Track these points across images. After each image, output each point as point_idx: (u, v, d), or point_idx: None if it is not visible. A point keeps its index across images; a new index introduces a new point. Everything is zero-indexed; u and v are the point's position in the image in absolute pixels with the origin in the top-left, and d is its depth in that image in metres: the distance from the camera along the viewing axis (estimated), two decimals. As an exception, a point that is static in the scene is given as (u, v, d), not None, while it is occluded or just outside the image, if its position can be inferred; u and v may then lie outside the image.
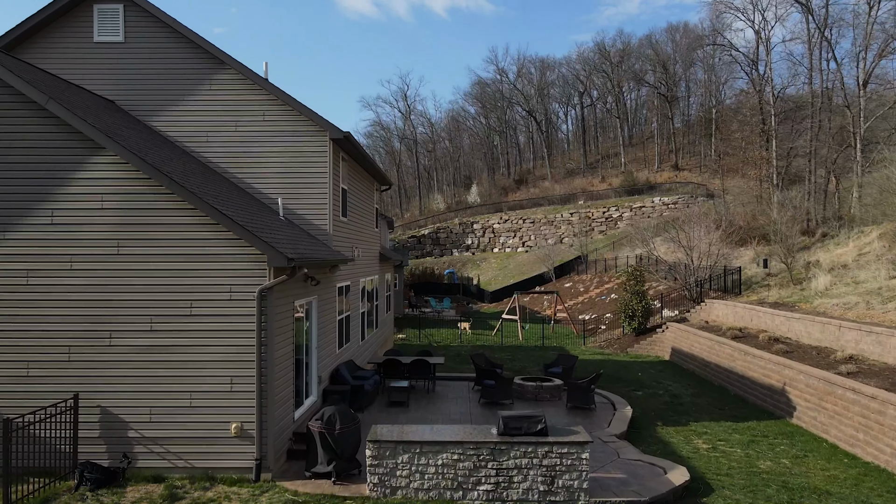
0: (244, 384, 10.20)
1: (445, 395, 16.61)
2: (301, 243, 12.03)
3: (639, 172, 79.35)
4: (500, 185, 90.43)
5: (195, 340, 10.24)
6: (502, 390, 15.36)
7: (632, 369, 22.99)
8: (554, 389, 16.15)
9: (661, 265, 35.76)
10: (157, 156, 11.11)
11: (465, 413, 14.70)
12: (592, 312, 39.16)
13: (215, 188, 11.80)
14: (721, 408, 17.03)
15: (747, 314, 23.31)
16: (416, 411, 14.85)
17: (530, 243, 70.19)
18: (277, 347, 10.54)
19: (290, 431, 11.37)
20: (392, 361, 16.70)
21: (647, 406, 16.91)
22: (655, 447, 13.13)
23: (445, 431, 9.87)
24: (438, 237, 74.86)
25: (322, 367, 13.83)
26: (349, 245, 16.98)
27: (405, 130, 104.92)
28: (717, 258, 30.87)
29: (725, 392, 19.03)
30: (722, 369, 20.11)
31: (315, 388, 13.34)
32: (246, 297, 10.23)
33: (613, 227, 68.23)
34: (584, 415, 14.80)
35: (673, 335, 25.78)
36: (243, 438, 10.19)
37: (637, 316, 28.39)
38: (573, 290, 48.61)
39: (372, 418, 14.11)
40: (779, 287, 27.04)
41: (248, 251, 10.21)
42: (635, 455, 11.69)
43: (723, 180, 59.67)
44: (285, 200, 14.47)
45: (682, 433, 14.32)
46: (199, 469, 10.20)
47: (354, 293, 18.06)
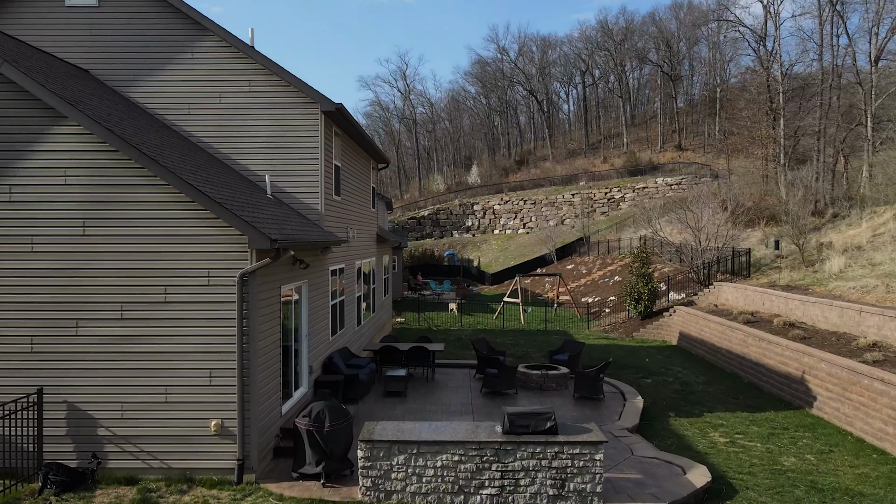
0: (224, 377, 9.31)
1: (445, 384, 15.75)
2: (288, 223, 11.08)
3: (641, 153, 78.13)
4: (500, 165, 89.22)
5: (170, 329, 9.32)
6: (505, 379, 14.50)
7: (639, 355, 22.14)
8: (560, 378, 15.28)
9: (667, 247, 34.83)
10: (127, 127, 10.12)
11: (466, 404, 13.85)
12: (595, 295, 38.30)
13: (194, 163, 10.82)
14: (735, 397, 16.19)
15: (758, 297, 22.42)
16: (414, 402, 13.99)
17: (531, 225, 69.22)
18: (261, 337, 9.63)
19: (278, 427, 10.50)
20: (389, 349, 15.83)
21: (658, 395, 16.06)
22: (670, 441, 12.29)
23: (445, 430, 8.99)
24: (438, 218, 73.85)
25: (313, 357, 12.94)
26: (343, 226, 16.02)
27: (404, 111, 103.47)
28: (727, 240, 29.93)
29: (738, 379, 18.19)
30: (734, 355, 19.25)
31: (306, 378, 12.46)
32: (226, 282, 9.30)
33: (616, 209, 67.20)
34: (592, 406, 13.94)
35: (681, 319, 24.91)
36: (224, 437, 9.32)
37: (643, 299, 27.51)
38: (575, 272, 47.73)
39: (367, 409, 13.26)
40: (790, 269, 26.13)
41: (227, 232, 9.26)
42: (650, 452, 10.83)
43: (728, 160, 58.59)
44: (274, 178, 13.50)
45: (696, 425, 13.47)
46: (176, 470, 9.34)
47: (349, 276, 17.13)
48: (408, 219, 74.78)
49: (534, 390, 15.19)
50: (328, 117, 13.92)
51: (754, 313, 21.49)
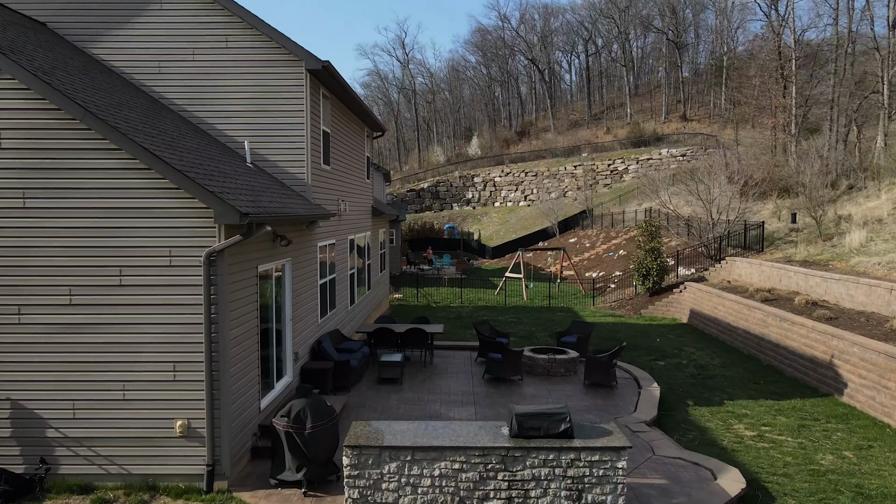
0: (190, 371, 8.11)
1: (445, 369, 14.60)
2: (266, 195, 9.79)
3: (645, 123, 76.29)
4: (501, 137, 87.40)
5: (127, 317, 8.09)
6: (510, 365, 13.34)
7: (649, 334, 21.00)
8: (569, 363, 14.12)
9: (675, 220, 33.53)
10: (78, 84, 8.78)
11: (467, 392, 12.70)
12: (600, 270, 37.12)
13: (159, 127, 9.50)
14: (756, 381, 15.05)
15: (775, 274, 21.21)
16: (411, 390, 12.85)
17: (532, 197, 67.79)
18: (234, 324, 8.41)
19: (256, 425, 9.34)
20: (383, 331, 14.65)
21: (673, 380, 14.92)
22: (692, 435, 11.16)
23: (444, 432, 7.81)
24: (438, 191, 72.40)
25: (299, 342, 11.76)
26: (333, 198, 14.73)
27: (403, 81, 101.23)
28: (739, 213, 28.62)
29: (757, 362, 17.05)
30: (752, 336, 18.10)
31: (290, 366, 11.29)
32: (190, 263, 8.05)
33: (619, 181, 65.70)
34: (604, 394, 12.80)
35: (692, 296, 23.73)
36: (191, 438, 8.15)
37: (651, 275, 26.31)
38: (578, 245, 46.49)
39: (359, 399, 12.11)
40: (806, 243, 24.88)
41: (190, 205, 7.99)
42: (673, 450, 9.69)
43: (736, 130, 56.96)
44: (255, 145, 12.19)
45: (718, 415, 12.34)
46: (137, 476, 8.19)
47: (341, 252, 15.89)
48: (407, 191, 73.32)
49: (540, 376, 14.04)
50: (315, 77, 12.55)
51: (771, 290, 20.30)
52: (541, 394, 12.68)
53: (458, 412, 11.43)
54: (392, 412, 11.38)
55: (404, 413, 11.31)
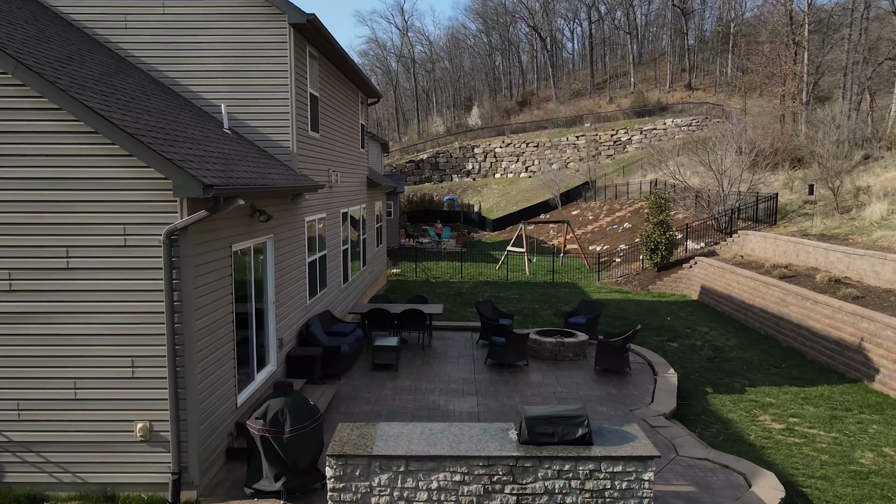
0: (151, 367, 7.06)
1: (444, 353, 13.59)
2: (241, 164, 8.64)
3: (649, 93, 74.47)
4: (502, 107, 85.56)
5: (76, 305, 7.01)
6: (515, 349, 12.32)
7: (658, 312, 19.99)
8: (577, 347, 13.10)
9: (683, 192, 32.33)
10: (15, 32, 7.57)
11: (468, 380, 11.70)
12: (604, 243, 36.03)
13: (117, 85, 8.31)
14: (777, 365, 14.06)
15: (791, 248, 20.11)
16: (407, 377, 11.85)
17: (534, 168, 66.42)
18: (202, 312, 7.34)
19: (232, 423, 8.33)
20: (378, 312, 13.60)
21: (688, 364, 13.93)
22: (715, 429, 10.17)
23: (443, 437, 6.79)
24: (437, 162, 70.95)
25: (284, 327, 10.71)
26: (323, 168, 13.57)
27: (402, 49, 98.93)
28: (752, 183, 27.42)
29: (775, 343, 16.05)
30: (769, 315, 17.07)
31: (273, 354, 10.25)
32: (148, 243, 6.95)
33: (622, 152, 64.26)
34: (617, 382, 11.79)
35: (703, 272, 22.67)
36: (154, 443, 7.14)
37: (660, 249, 25.21)
38: (581, 218, 45.34)
39: (350, 389, 11.11)
40: (822, 216, 23.74)
41: (147, 175, 6.85)
42: (699, 450, 8.69)
43: (744, 98, 55.39)
44: (234, 109, 11.00)
45: (741, 405, 11.35)
46: (94, 485, 7.19)
47: (333, 227, 14.77)
48: (406, 162, 71.87)
49: (547, 361, 13.03)
50: (299, 33, 11.30)
51: (788, 266, 19.23)
52: (548, 381, 11.69)
53: (458, 404, 10.44)
54: (386, 404, 10.38)
55: (399, 405, 10.31)
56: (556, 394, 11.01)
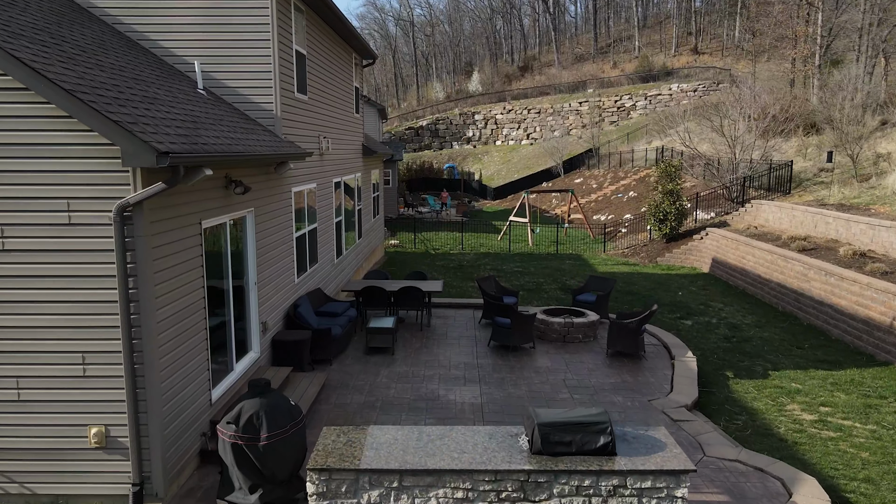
0: (105, 364, 6.12)
1: (444, 333, 12.67)
2: (213, 129, 7.58)
3: (654, 57, 72.51)
4: (503, 72, 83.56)
5: (15, 293, 6.03)
6: (520, 331, 11.39)
7: (669, 286, 19.06)
8: (588, 328, 12.17)
9: (690, 159, 31.16)
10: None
11: (470, 365, 10.79)
12: (608, 212, 34.97)
13: (64, 36, 7.20)
14: (799, 345, 13.16)
15: (809, 219, 19.09)
16: (404, 362, 10.93)
17: (535, 135, 64.96)
18: (165, 300, 6.37)
19: (206, 422, 7.42)
20: (373, 290, 12.63)
21: (705, 344, 13.03)
22: (740, 420, 9.29)
23: (443, 445, 5.87)
24: (437, 129, 69.41)
25: (268, 310, 9.75)
26: (312, 134, 12.48)
27: (401, 12, 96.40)
28: (765, 151, 26.26)
29: (795, 321, 15.13)
30: (788, 291, 16.13)
31: (257, 340, 9.32)
32: (96, 220, 5.94)
33: (626, 118, 62.73)
34: (632, 367, 10.89)
35: (714, 243, 21.68)
36: (111, 450, 6.23)
37: (669, 219, 24.17)
38: (585, 186, 44.17)
39: (342, 375, 10.20)
40: (840, 185, 22.67)
41: (92, 140, 5.81)
42: (729, 449, 7.80)
43: (754, 62, 53.73)
44: (211, 67, 9.90)
45: (765, 391, 10.46)
46: (44, 497, 6.30)
47: (325, 198, 13.74)
48: (405, 129, 70.33)
49: (555, 343, 12.12)
50: (281, -18, 10.13)
51: (807, 238, 18.24)
52: (557, 367, 10.78)
53: (459, 393, 9.54)
54: (381, 393, 9.48)
55: (395, 395, 9.41)
56: (566, 381, 10.11)
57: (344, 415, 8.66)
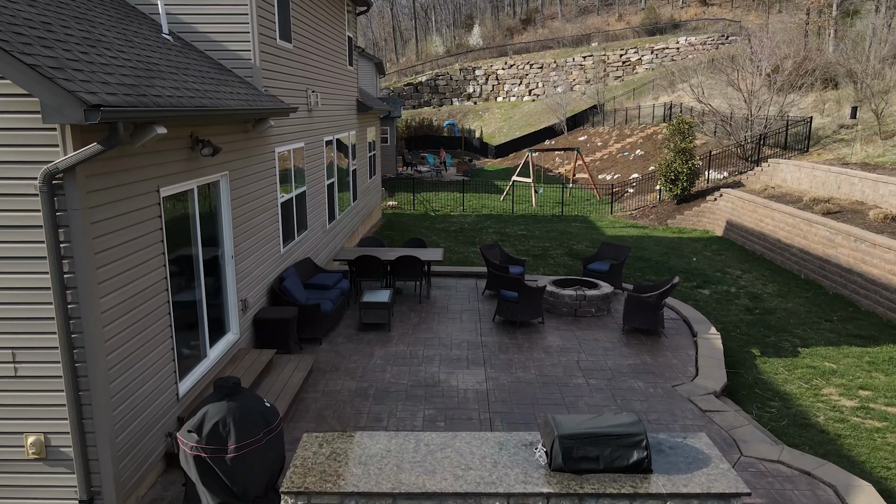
0: (40, 362, 5.13)
1: (444, 307, 11.69)
2: (172, 79, 6.43)
3: (661, 9, 70.07)
4: (504, 25, 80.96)
5: (-73, 279, 5.00)
6: (529, 306, 10.40)
7: (682, 251, 18.04)
8: (601, 301, 11.18)
9: (701, 115, 29.80)
10: None
11: (474, 344, 9.83)
12: (614, 172, 33.74)
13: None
14: (828, 318, 12.21)
15: (831, 179, 17.95)
16: (401, 340, 9.97)
17: (538, 91, 63.09)
18: (114, 284, 5.35)
19: (173, 419, 6.47)
20: (367, 260, 11.61)
21: (726, 317, 12.08)
22: (774, 407, 8.37)
23: (443, 458, 4.92)
24: (437, 85, 67.43)
25: (248, 285, 8.74)
26: (299, 87, 11.28)
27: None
28: (782, 106, 24.93)
29: (820, 290, 14.16)
30: (812, 257, 15.11)
31: (235, 320, 8.33)
32: (17, 190, 4.87)
33: (632, 73, 60.76)
34: (651, 346, 9.93)
35: (729, 205, 20.58)
36: (53, 462, 5.29)
37: (681, 180, 23.02)
38: (589, 144, 42.77)
39: (332, 356, 9.25)
40: (862, 142, 21.46)
41: (8, 91, 4.69)
42: (767, 447, 6.88)
43: (767, 13, 51.65)
44: (179, 9, 8.65)
45: (797, 372, 9.53)
46: (-22, 514, 5.40)
47: (314, 158, 12.60)
48: (404, 85, 68.31)
49: (565, 317, 11.14)
50: None
51: (830, 200, 17.14)
52: (569, 345, 9.82)
53: (462, 378, 8.59)
54: (375, 378, 8.54)
55: (391, 379, 8.47)
56: (580, 362, 9.17)
57: (333, 405, 7.74)
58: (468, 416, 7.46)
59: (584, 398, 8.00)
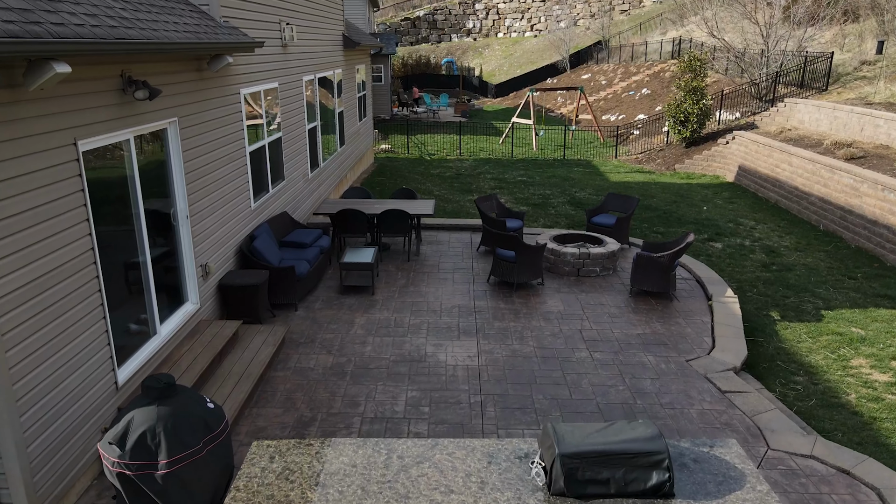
0: (-77, 363, 4.17)
1: (435, 265, 10.71)
2: (88, 3, 5.24)
3: (671, -63, 66.49)
4: (505, -45, 77.14)
5: None
6: (527, 266, 9.42)
7: (691, 198, 16.97)
8: (606, 259, 10.20)
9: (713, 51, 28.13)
10: None
11: (466, 309, 8.90)
12: (619, 112, 32.24)
13: None
14: (851, 275, 11.26)
15: (854, 121, 16.70)
16: (386, 305, 9.04)
17: (540, 27, 60.53)
18: (14, 262, 4.35)
19: (112, 411, 5.58)
20: (350, 214, 10.56)
21: (741, 274, 11.13)
22: (799, 383, 7.49)
23: (420, 480, 4.02)
24: (435, 20, 64.68)
25: (210, 248, 7.73)
26: (270, 18, 9.98)
27: None
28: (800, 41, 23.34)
29: (841, 243, 13.17)
30: (833, 207, 14.05)
31: (195, 288, 7.36)
32: None
33: (638, 6, 58.09)
34: (662, 311, 9.00)
35: (742, 149, 19.36)
36: (-49, 477, 4.40)
37: (691, 121, 21.70)
38: (593, 83, 41.00)
39: (308, 324, 8.33)
40: (887, 80, 20.05)
41: None
42: (797, 438, 6.01)
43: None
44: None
45: (822, 339, 8.63)
46: None
47: (292, 100, 11.39)
48: (400, 20, 65.53)
49: (567, 277, 10.18)
50: None
51: (853, 144, 15.95)
52: (571, 310, 8.90)
53: (452, 351, 7.69)
54: (354, 351, 7.64)
55: (372, 354, 7.57)
56: (583, 331, 8.26)
57: (304, 385, 6.85)
58: (456, 400, 6.58)
59: (588, 376, 7.11)
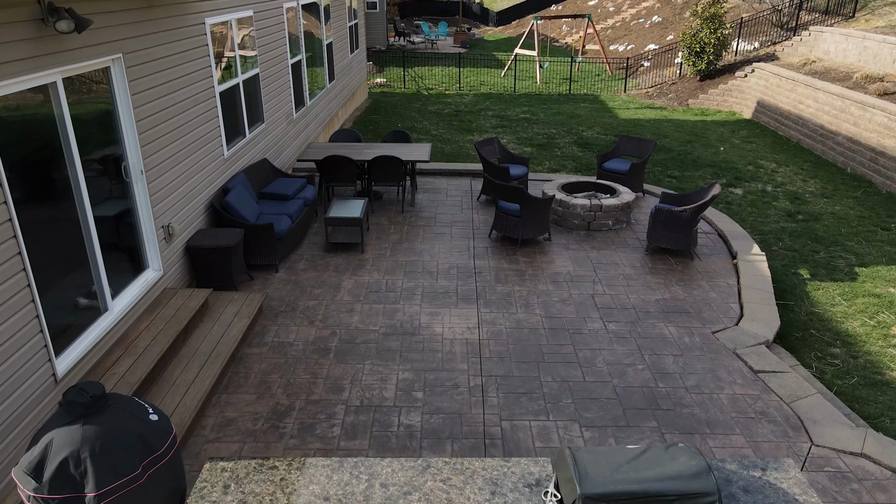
0: None
1: (432, 217, 9.77)
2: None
3: None
4: None
5: None
6: (533, 221, 8.49)
7: (707, 137, 15.85)
8: (620, 211, 9.25)
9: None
10: None
11: (465, 269, 8.03)
12: (628, 42, 30.49)
13: None
14: (885, 225, 10.36)
15: (885, 52, 15.40)
16: (376, 265, 8.16)
17: (545, -51, 57.19)
18: None
19: (48, 416, 4.78)
20: (337, 161, 9.53)
21: (763, 225, 10.21)
22: (837, 356, 6.70)
23: (406, 521, 3.25)
24: (433, -59, 61.13)
25: (172, 205, 6.78)
26: (240, -64, 8.69)
27: None
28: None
29: (871, 188, 12.19)
30: (862, 148, 12.99)
31: (156, 253, 6.46)
32: None
33: (650, -74, 54.72)
34: (682, 273, 8.12)
35: (761, 83, 18.07)
36: None
37: (707, 53, 20.26)
38: (599, 9, 38.84)
39: (289, 288, 7.48)
40: (921, 7, 18.57)
41: None
42: (845, 431, 5.24)
43: None
44: None
45: (858, 303, 7.80)
46: None
47: (269, 31, 10.18)
48: (396, -58, 62.00)
49: (576, 231, 9.27)
50: None
51: (885, 78, 14.71)
52: (583, 271, 8.03)
53: (449, 321, 6.86)
54: (340, 321, 6.82)
55: (359, 324, 6.74)
56: (595, 296, 7.41)
57: (282, 365, 6.05)
58: (454, 383, 5.80)
59: (603, 352, 6.31)
